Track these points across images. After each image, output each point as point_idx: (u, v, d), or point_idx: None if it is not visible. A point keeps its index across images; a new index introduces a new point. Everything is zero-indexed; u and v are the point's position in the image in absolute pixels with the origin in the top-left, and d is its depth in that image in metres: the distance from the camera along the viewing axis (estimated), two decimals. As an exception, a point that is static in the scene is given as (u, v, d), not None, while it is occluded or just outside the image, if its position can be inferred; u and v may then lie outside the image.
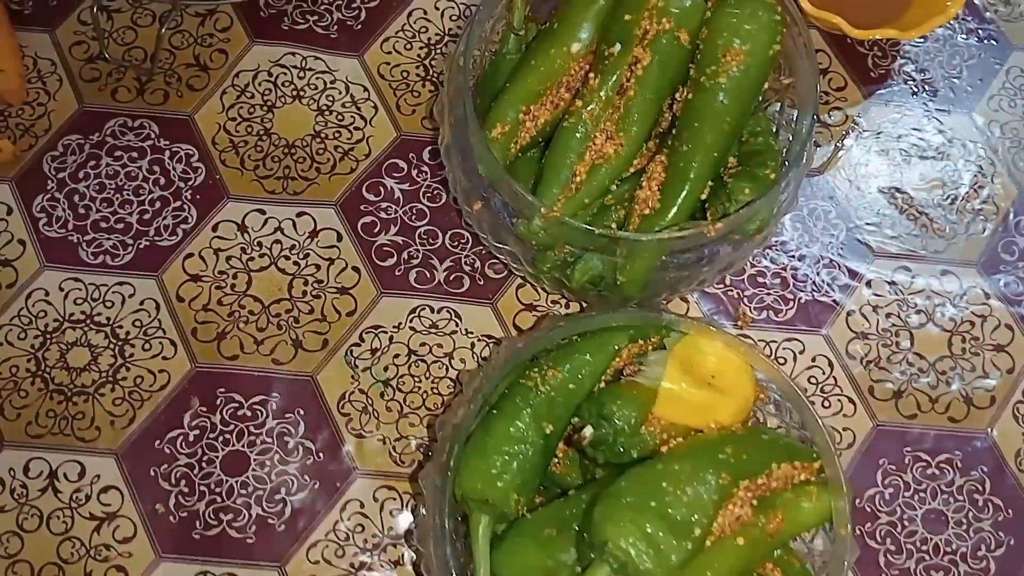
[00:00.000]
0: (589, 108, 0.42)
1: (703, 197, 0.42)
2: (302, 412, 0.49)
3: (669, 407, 0.39)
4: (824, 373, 0.51)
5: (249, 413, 0.49)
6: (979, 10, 0.58)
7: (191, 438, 0.48)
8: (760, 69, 0.42)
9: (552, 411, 0.39)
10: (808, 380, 0.50)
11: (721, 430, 0.39)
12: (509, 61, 0.48)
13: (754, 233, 0.43)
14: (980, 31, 0.58)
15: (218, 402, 0.49)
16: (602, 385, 0.40)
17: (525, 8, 0.47)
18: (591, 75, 0.43)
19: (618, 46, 0.42)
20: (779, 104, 0.47)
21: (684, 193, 0.41)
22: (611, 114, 0.42)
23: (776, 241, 0.53)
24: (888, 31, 0.52)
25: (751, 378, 0.41)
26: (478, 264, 0.51)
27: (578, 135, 0.42)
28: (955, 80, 0.57)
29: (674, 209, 0.41)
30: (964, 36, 0.58)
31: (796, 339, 0.51)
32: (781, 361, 0.51)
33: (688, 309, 0.51)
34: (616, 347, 0.41)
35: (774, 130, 0.46)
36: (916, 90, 0.56)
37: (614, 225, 0.43)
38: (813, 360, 0.51)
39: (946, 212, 0.54)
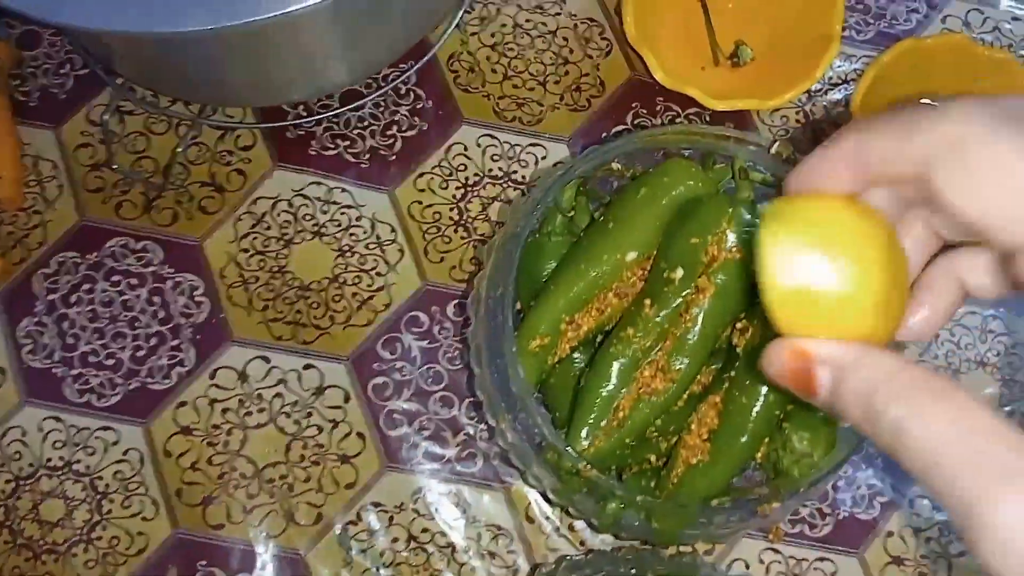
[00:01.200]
0: (639, 336, 0.38)
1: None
2: (288, 595, 0.45)
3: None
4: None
5: (230, 592, 0.45)
6: None
7: (165, 612, 0.44)
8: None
9: None
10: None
11: None
12: (555, 244, 0.43)
13: (808, 487, 0.39)
14: None
15: None
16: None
17: (575, 195, 0.43)
18: (647, 300, 0.39)
19: (680, 271, 0.38)
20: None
21: (738, 449, 0.37)
22: (664, 344, 0.38)
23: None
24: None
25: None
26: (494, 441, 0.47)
27: (624, 364, 0.38)
28: None
29: (724, 465, 0.37)
30: None
31: (829, 559, 0.47)
32: (810, 585, 0.47)
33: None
34: None
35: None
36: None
37: (654, 461, 0.39)
38: (844, 588, 0.47)
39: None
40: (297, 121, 0.50)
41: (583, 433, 0.38)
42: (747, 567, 0.47)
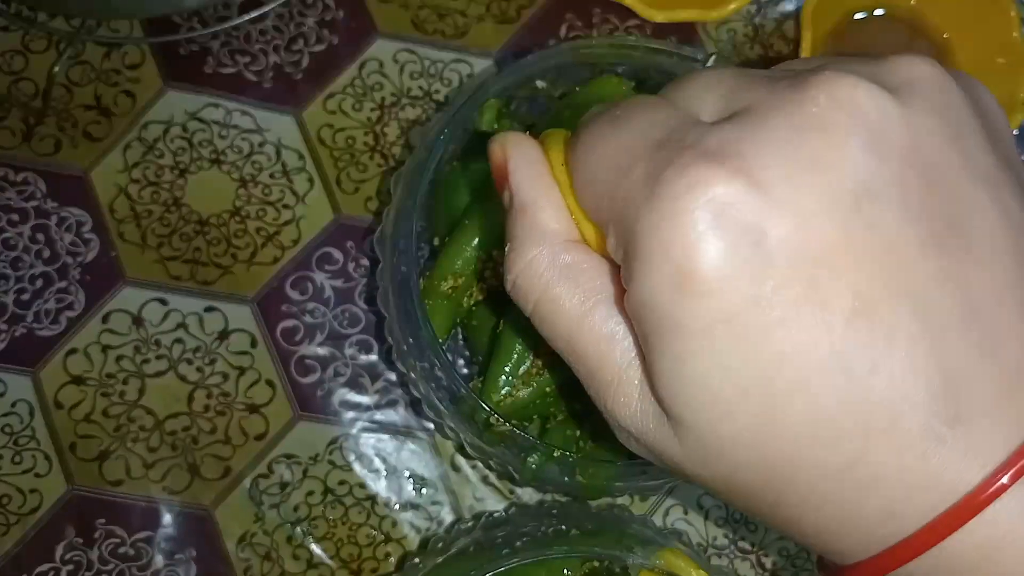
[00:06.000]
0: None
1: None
2: (194, 553, 0.42)
3: None
4: None
5: (132, 552, 0.42)
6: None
7: (63, 575, 0.41)
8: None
9: None
10: None
11: None
12: (473, 172, 0.39)
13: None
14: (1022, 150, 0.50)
15: (97, 535, 0.42)
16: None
17: (496, 117, 0.38)
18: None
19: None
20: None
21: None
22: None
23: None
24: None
25: None
26: (416, 386, 0.44)
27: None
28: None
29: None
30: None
31: (769, 502, 0.45)
32: None
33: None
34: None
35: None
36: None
37: (579, 409, 0.36)
38: None
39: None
40: (190, 35, 0.45)
41: (500, 382, 0.35)
42: (685, 512, 0.44)
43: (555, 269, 0.22)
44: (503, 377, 0.35)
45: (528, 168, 0.23)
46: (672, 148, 0.19)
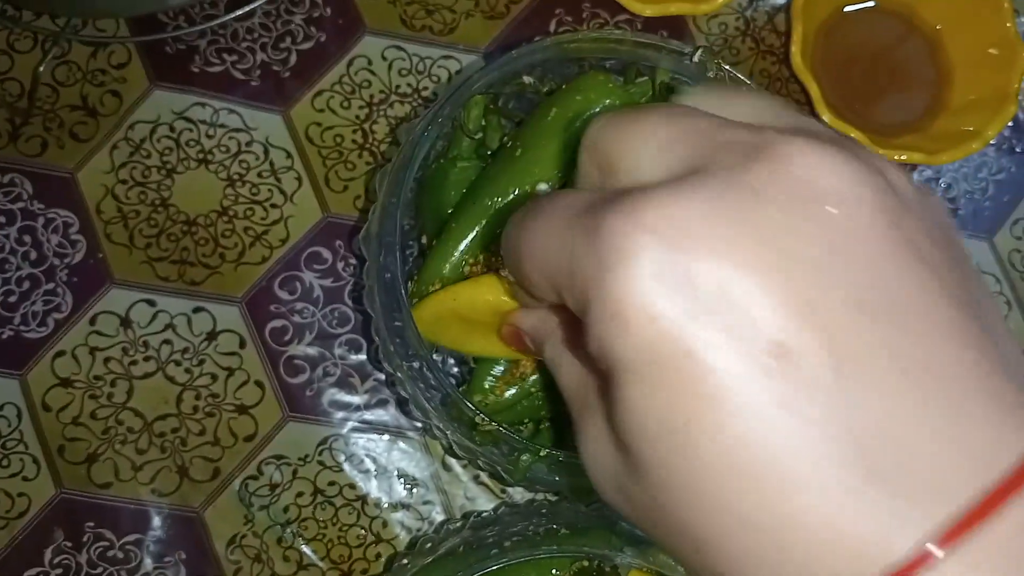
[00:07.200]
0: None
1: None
2: (183, 556, 0.42)
3: None
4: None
5: (121, 555, 0.42)
6: (1021, 122, 0.50)
7: (51, 578, 0.41)
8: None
9: None
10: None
11: None
12: (461, 171, 0.39)
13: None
14: (1016, 141, 0.50)
15: (86, 538, 0.42)
16: None
17: (483, 113, 0.38)
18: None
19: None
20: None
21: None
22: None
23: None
24: (914, 155, 0.43)
25: None
26: (406, 386, 0.44)
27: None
28: (977, 197, 0.49)
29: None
30: (994, 143, 0.50)
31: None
32: None
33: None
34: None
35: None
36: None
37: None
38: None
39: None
40: (176, 33, 0.45)
41: (484, 382, 0.35)
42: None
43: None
44: (488, 377, 0.35)
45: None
46: (600, 207, 0.20)
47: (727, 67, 0.37)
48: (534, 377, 0.35)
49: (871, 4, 0.47)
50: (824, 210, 0.19)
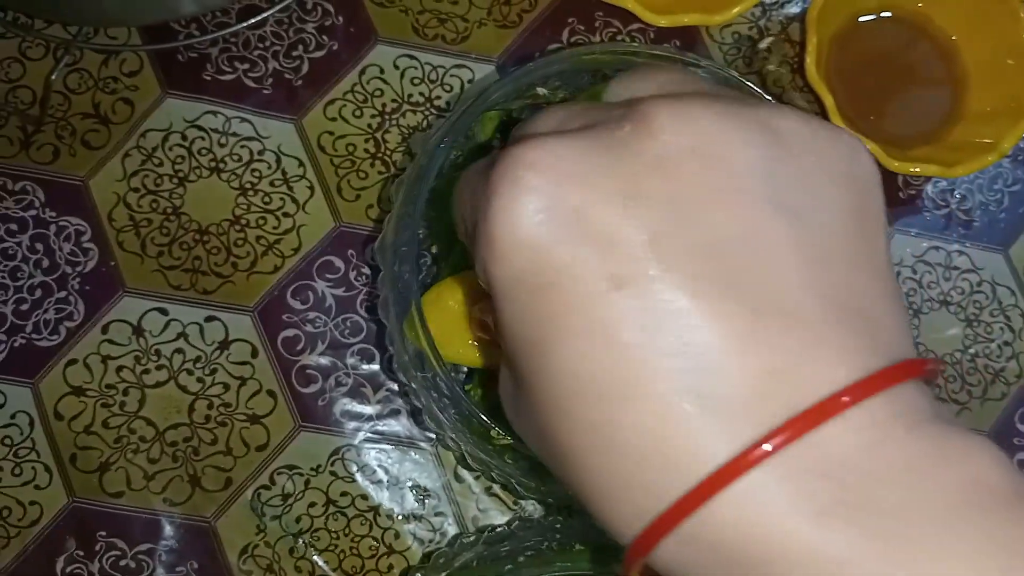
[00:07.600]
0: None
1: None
2: (196, 566, 0.42)
3: None
4: None
5: (133, 565, 0.42)
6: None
7: (62, 587, 0.41)
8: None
9: None
10: None
11: None
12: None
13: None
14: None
15: (98, 547, 0.42)
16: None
17: (498, 127, 0.38)
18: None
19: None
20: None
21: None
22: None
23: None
24: (930, 167, 0.43)
25: None
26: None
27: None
28: (992, 208, 0.49)
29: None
30: (1009, 154, 0.49)
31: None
32: None
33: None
34: None
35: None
36: (948, 220, 0.48)
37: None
38: None
39: (962, 371, 0.47)
40: (188, 41, 0.45)
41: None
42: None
43: None
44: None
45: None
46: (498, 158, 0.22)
47: (740, 78, 0.37)
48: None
49: (886, 14, 0.46)
50: (686, 164, 0.21)
